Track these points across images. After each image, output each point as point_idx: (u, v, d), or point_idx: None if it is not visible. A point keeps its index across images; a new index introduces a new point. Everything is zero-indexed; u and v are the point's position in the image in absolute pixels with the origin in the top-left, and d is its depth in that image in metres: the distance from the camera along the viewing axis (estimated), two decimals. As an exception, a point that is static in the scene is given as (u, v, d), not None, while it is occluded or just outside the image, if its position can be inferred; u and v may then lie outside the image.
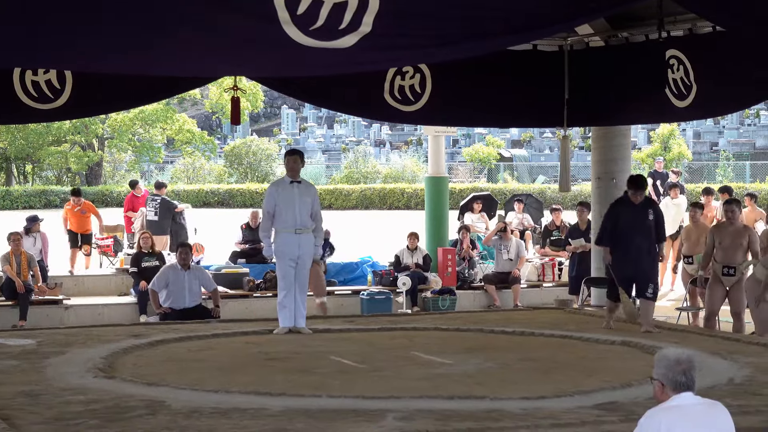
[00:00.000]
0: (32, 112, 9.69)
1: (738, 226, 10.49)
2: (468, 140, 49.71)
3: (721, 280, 10.42)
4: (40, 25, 5.89)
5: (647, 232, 9.72)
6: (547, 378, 7.49)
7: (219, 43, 6.32)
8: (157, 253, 13.21)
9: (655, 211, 9.88)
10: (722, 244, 10.36)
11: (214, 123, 56.57)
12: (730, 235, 10.34)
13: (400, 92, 10.63)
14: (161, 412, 6.30)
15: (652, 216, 9.73)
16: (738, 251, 10.35)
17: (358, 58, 6.68)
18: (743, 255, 10.39)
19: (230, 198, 35.85)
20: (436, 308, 13.51)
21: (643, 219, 9.69)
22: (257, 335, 9.68)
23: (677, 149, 38.94)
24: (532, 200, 19.97)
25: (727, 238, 10.35)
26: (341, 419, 6.08)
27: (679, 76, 10.13)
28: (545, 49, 11.32)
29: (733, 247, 10.32)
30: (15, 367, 7.97)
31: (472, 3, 6.88)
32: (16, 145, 36.93)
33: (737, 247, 10.33)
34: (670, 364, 4.22)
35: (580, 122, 12.48)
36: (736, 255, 10.35)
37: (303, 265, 9.83)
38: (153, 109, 35.58)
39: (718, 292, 10.48)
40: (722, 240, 10.37)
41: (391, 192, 35.63)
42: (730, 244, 10.32)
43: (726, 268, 10.36)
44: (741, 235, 10.39)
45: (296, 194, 9.76)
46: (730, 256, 10.34)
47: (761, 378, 7.44)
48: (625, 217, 9.73)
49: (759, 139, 47.32)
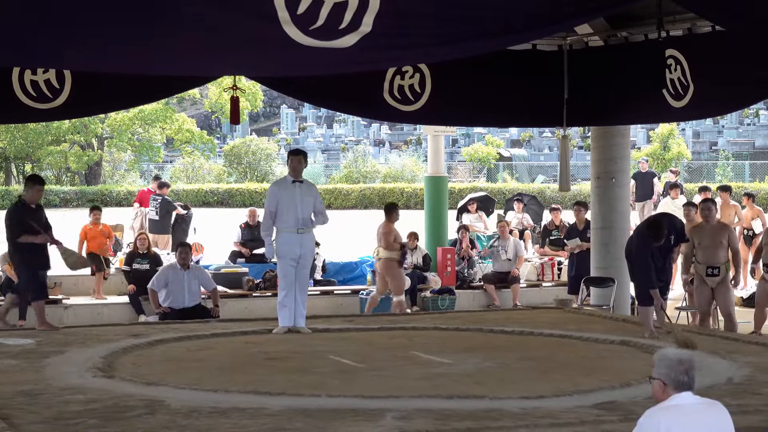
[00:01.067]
0: (31, 111, 9.69)
1: (714, 225, 10.50)
2: (467, 140, 49.78)
3: (705, 281, 10.45)
4: (39, 25, 5.89)
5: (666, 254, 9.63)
6: (546, 377, 7.50)
7: (219, 43, 6.31)
8: (151, 255, 13.17)
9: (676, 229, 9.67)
10: (702, 244, 10.38)
11: (213, 122, 56.61)
12: (708, 235, 10.35)
13: (400, 92, 10.63)
14: (160, 411, 6.30)
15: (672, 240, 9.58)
16: (719, 250, 10.34)
17: (358, 58, 6.68)
18: (725, 254, 10.39)
19: (229, 197, 35.85)
20: (435, 308, 13.51)
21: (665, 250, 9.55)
22: (257, 335, 9.68)
23: (676, 149, 38.95)
24: (531, 200, 19.98)
25: (706, 238, 10.36)
26: (340, 419, 6.08)
27: (677, 77, 10.13)
28: (545, 48, 11.32)
29: (713, 246, 10.32)
30: (14, 366, 7.97)
31: (472, 3, 6.88)
32: (15, 145, 36.91)
33: (717, 246, 10.32)
34: (672, 363, 4.23)
35: (579, 122, 12.48)
36: (718, 254, 10.35)
37: (304, 265, 9.84)
38: (152, 109, 35.55)
39: (705, 293, 10.49)
40: (701, 240, 10.38)
41: (390, 191, 35.62)
42: (709, 243, 10.32)
43: (709, 269, 10.38)
44: (719, 234, 10.40)
45: (298, 194, 9.78)
46: (711, 256, 10.34)
47: (760, 377, 7.44)
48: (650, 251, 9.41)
49: (758, 139, 47.37)
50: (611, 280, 11.85)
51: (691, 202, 13.16)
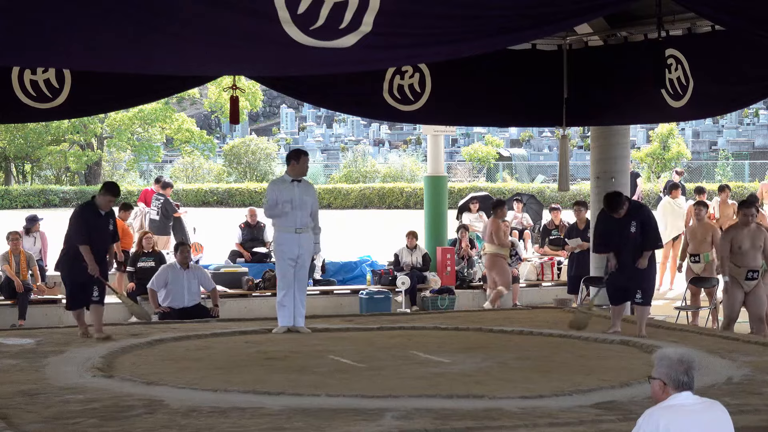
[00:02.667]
0: (31, 111, 9.68)
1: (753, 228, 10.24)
2: (467, 139, 49.70)
3: (742, 285, 10.22)
4: (39, 24, 5.88)
5: (631, 244, 9.45)
6: (545, 377, 7.50)
7: (219, 43, 6.31)
8: (156, 254, 13.19)
9: (641, 221, 9.49)
10: (742, 248, 10.15)
11: (213, 122, 56.55)
12: (748, 238, 10.12)
13: (400, 91, 10.62)
14: (160, 411, 6.30)
15: (634, 228, 9.41)
16: (758, 253, 10.15)
17: (359, 58, 6.68)
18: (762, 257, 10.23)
19: (229, 197, 35.84)
20: (435, 307, 13.52)
21: (625, 232, 9.41)
22: (256, 334, 9.68)
23: (676, 148, 38.92)
24: (530, 199, 19.96)
25: (746, 241, 10.13)
26: (340, 418, 6.08)
27: (676, 76, 10.14)
28: (544, 48, 11.32)
29: (753, 249, 10.11)
30: (14, 366, 7.98)
31: (472, 2, 6.89)
32: (15, 145, 36.90)
33: (757, 249, 10.13)
34: (673, 363, 4.23)
35: (579, 122, 12.48)
36: (758, 258, 10.16)
37: (302, 265, 9.85)
38: (152, 109, 35.54)
39: (739, 297, 10.24)
40: (741, 244, 10.15)
41: (390, 191, 35.62)
42: (750, 246, 10.11)
43: (750, 272, 10.17)
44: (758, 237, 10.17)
45: (297, 193, 9.78)
46: (753, 259, 10.14)
47: (760, 377, 7.45)
48: (609, 228, 9.59)
49: (758, 139, 47.31)
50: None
51: (702, 201, 13.07)
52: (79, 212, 9.55)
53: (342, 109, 14.71)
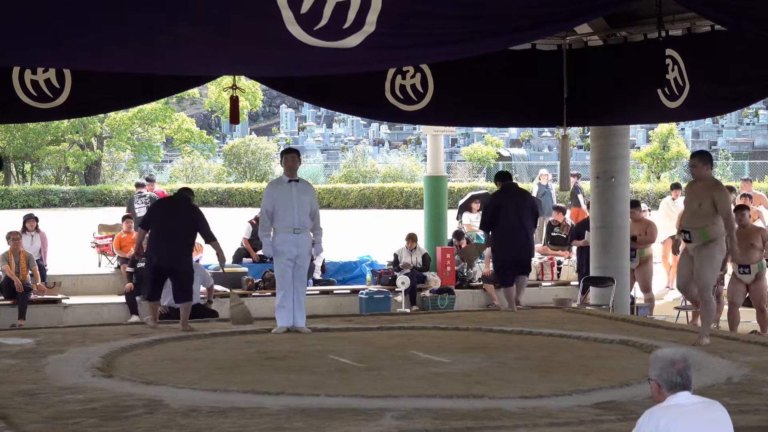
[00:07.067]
0: (31, 111, 9.68)
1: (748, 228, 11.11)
2: (467, 139, 49.66)
3: (740, 278, 11.08)
4: (39, 24, 5.88)
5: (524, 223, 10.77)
6: (545, 377, 7.50)
7: (222, 43, 6.30)
8: (156, 254, 13.16)
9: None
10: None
11: (212, 122, 56.53)
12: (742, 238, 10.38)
13: (402, 92, 10.62)
14: (160, 411, 6.30)
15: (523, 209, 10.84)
16: (751, 251, 10.91)
17: (363, 58, 6.68)
18: (759, 254, 11.00)
19: (229, 197, 35.82)
20: (434, 307, 13.52)
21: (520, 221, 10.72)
22: (256, 334, 9.68)
23: (676, 148, 38.90)
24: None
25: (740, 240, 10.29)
26: (339, 418, 6.08)
27: (674, 77, 10.14)
28: (544, 48, 11.32)
29: (745, 248, 10.64)
30: (13, 366, 7.98)
31: (473, 3, 6.89)
32: (14, 145, 36.89)
33: (749, 248, 10.83)
34: (665, 364, 4.23)
35: (578, 122, 12.48)
36: (749, 255, 10.91)
37: (301, 265, 9.84)
38: (152, 108, 35.52)
39: (739, 287, 11.17)
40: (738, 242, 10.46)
41: (389, 191, 35.60)
42: (743, 245, 10.51)
43: (741, 267, 11.01)
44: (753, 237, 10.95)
45: (294, 193, 9.78)
46: (744, 257, 10.76)
47: (760, 377, 7.44)
48: None
49: (758, 138, 47.28)
50: (610, 280, 11.85)
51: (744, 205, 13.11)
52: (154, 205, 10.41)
53: (343, 109, 14.70)
